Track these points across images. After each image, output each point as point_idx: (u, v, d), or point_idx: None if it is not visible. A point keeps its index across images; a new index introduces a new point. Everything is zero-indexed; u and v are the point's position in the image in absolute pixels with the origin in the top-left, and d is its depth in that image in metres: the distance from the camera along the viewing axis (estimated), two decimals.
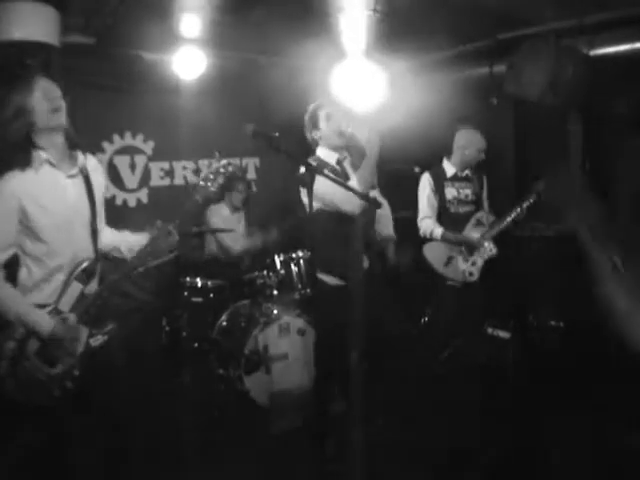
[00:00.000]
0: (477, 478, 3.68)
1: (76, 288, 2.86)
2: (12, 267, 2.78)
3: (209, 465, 3.93)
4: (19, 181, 2.69)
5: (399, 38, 4.98)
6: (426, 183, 5.14)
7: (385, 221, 4.72)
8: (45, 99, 2.74)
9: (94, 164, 3.05)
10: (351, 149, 3.92)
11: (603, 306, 2.08)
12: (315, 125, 3.92)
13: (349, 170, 3.94)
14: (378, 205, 3.69)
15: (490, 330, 5.48)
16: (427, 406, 4.39)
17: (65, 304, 2.83)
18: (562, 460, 3.72)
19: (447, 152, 5.22)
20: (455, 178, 5.15)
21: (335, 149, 3.91)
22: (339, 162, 3.90)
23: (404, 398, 4.29)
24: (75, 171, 2.88)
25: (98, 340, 2.90)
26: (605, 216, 2.26)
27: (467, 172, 5.17)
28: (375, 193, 3.99)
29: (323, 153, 3.91)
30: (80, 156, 2.92)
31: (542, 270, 5.61)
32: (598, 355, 4.79)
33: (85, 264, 2.88)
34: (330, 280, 3.82)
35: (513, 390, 4.68)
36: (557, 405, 4.39)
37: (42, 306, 2.78)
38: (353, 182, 3.74)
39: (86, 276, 2.88)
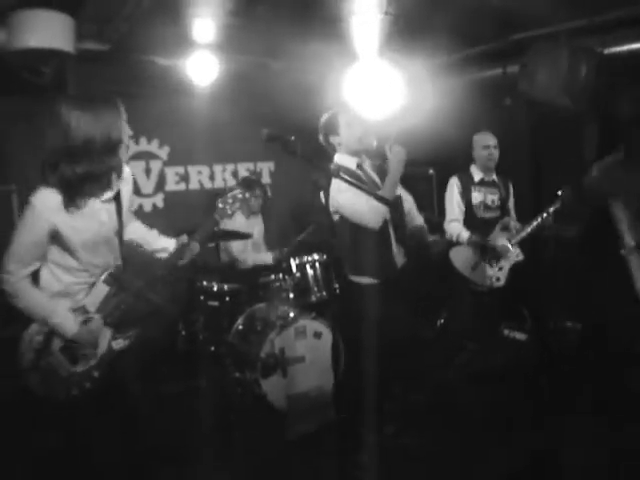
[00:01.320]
0: None
1: (102, 289, 2.89)
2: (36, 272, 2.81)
3: (225, 469, 3.93)
4: (54, 199, 2.67)
5: (411, 40, 4.98)
6: (454, 186, 5.15)
7: (413, 213, 4.70)
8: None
9: (126, 174, 3.00)
10: (370, 153, 3.91)
11: None
12: (334, 131, 3.90)
13: (371, 173, 3.93)
14: (401, 208, 3.71)
15: (507, 332, 5.46)
16: (445, 411, 4.40)
17: (91, 304, 2.87)
18: (581, 462, 3.70)
19: (470, 157, 5.22)
20: (482, 183, 5.16)
21: (354, 154, 3.89)
22: (359, 166, 3.88)
23: (421, 403, 4.29)
24: (109, 196, 2.86)
25: (120, 344, 2.94)
26: None
27: (494, 177, 5.18)
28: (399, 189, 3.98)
29: (342, 159, 3.88)
30: (115, 180, 2.87)
31: (559, 271, 5.59)
32: (616, 356, 4.77)
33: (112, 269, 2.92)
34: (363, 280, 3.81)
35: (531, 392, 4.66)
36: (575, 406, 4.37)
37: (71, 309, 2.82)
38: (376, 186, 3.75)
39: (113, 279, 2.91)
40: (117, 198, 2.90)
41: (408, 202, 4.18)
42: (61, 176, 2.63)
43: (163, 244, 3.22)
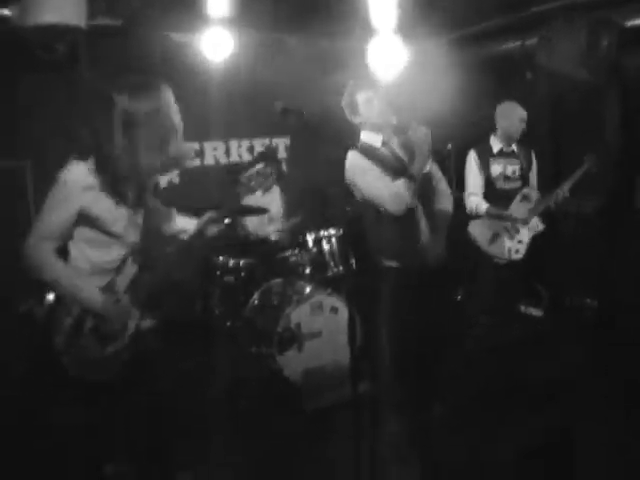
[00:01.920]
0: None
1: (131, 269, 2.89)
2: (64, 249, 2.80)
3: (243, 442, 3.99)
4: (87, 176, 2.66)
5: (428, 13, 4.91)
6: (472, 160, 5.09)
7: (441, 190, 4.61)
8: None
9: None
10: (393, 128, 3.85)
11: None
12: (355, 111, 3.81)
13: (397, 150, 3.83)
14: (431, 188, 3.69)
15: (523, 308, 5.45)
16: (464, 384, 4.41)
17: (121, 284, 2.86)
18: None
19: (492, 128, 5.15)
20: (501, 154, 5.08)
21: (379, 130, 3.80)
22: (385, 144, 3.80)
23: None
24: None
25: (147, 324, 2.94)
26: None
27: (514, 147, 5.11)
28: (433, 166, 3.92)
29: (367, 137, 3.82)
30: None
31: (578, 247, 5.56)
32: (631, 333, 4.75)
33: (142, 247, 2.93)
34: (386, 262, 3.80)
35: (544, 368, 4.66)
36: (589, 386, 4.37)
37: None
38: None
39: (142, 259, 2.92)
40: None
41: (436, 180, 4.10)
42: (113, 164, 2.65)
43: (182, 225, 3.23)
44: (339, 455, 3.58)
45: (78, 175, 2.64)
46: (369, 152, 3.75)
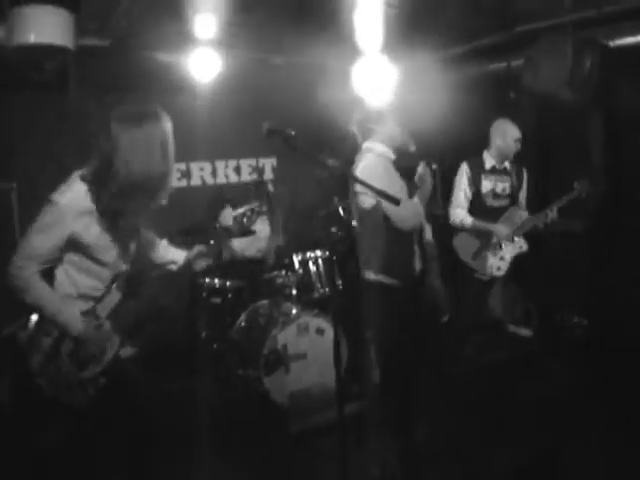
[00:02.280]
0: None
1: (115, 296, 2.86)
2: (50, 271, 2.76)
3: (229, 465, 3.93)
4: (82, 200, 2.63)
5: (413, 34, 4.94)
6: (463, 173, 5.08)
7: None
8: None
9: None
10: (403, 154, 3.85)
11: None
12: (379, 121, 3.80)
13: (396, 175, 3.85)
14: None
15: (512, 328, 5.44)
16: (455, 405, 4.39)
17: (103, 310, 2.83)
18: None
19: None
20: (493, 171, 5.09)
21: (390, 146, 3.82)
22: (394, 162, 3.83)
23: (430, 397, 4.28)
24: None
25: (128, 352, 2.91)
26: None
27: (506, 165, 5.11)
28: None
29: (380, 147, 3.81)
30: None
31: (566, 266, 5.56)
32: (622, 351, 4.75)
33: (127, 274, 2.89)
34: (379, 278, 3.77)
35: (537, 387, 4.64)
36: (581, 402, 4.35)
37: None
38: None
39: (127, 286, 2.88)
40: None
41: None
42: (114, 179, 2.59)
43: (172, 256, 3.19)
44: (325, 478, 3.55)
45: (74, 198, 2.60)
46: (386, 159, 3.76)
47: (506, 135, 5.01)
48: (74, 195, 2.61)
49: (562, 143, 5.74)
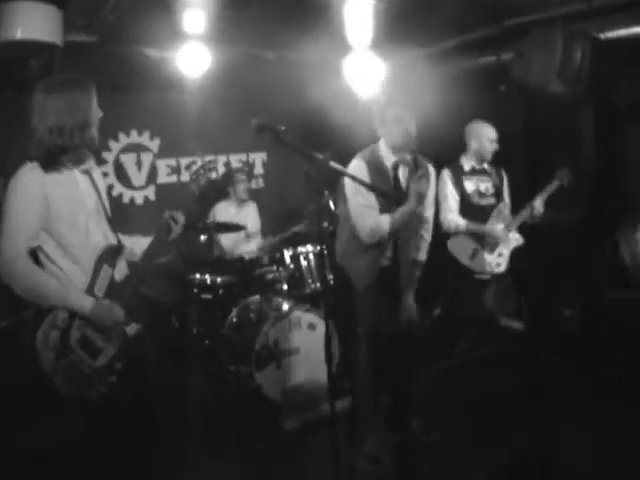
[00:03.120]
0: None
1: (107, 271, 2.83)
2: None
3: (221, 461, 3.92)
4: (36, 170, 2.69)
5: (404, 28, 4.92)
6: (446, 178, 5.05)
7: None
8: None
9: (97, 171, 3.05)
10: (407, 156, 3.82)
11: None
12: (380, 123, 3.82)
13: (402, 179, 3.84)
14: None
15: (504, 321, 5.44)
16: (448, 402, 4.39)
17: (99, 289, 2.80)
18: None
19: (462, 148, 5.15)
20: (473, 172, 5.06)
21: (395, 152, 3.80)
22: (396, 167, 3.80)
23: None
24: (85, 167, 2.88)
25: (133, 328, 2.87)
26: None
27: (485, 166, 5.10)
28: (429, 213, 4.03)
29: (383, 149, 3.82)
30: (88, 155, 2.92)
31: (555, 259, 5.56)
32: (612, 344, 4.76)
33: (107, 246, 2.86)
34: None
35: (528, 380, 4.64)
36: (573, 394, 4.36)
37: None
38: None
39: (110, 256, 2.85)
40: (91, 177, 2.93)
41: (425, 228, 4.13)
42: (38, 143, 2.72)
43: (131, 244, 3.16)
44: (318, 473, 3.55)
45: (29, 170, 2.70)
46: (377, 166, 3.75)
47: (481, 137, 5.00)
48: (28, 168, 2.71)
49: (552, 136, 5.74)
